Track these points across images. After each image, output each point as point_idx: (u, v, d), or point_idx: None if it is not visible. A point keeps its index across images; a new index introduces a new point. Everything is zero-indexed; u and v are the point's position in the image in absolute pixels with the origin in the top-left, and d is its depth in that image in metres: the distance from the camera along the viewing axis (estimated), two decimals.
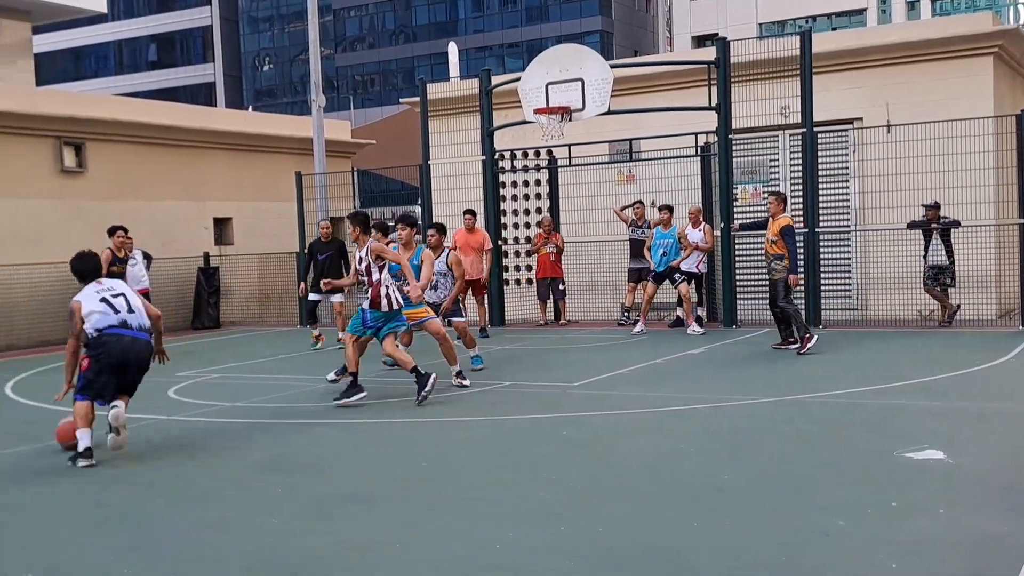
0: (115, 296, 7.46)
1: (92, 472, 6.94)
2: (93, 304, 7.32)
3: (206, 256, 19.43)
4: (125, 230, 14.81)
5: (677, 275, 14.45)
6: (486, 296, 15.58)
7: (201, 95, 70.11)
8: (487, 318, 15.62)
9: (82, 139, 17.94)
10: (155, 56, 73.88)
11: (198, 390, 10.72)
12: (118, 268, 14.29)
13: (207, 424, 8.74)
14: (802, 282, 12.88)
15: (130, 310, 7.42)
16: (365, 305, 9.36)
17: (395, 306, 9.32)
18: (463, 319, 11.28)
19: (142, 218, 18.49)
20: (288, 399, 9.93)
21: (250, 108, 59.36)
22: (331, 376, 10.42)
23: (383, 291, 9.25)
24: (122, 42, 73.82)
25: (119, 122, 18.57)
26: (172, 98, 60.54)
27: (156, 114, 19.87)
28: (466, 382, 10.01)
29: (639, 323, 14.56)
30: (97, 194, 18.17)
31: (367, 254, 9.33)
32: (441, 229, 11.36)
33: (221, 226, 20.57)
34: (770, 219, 12.15)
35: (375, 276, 9.27)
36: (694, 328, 14.10)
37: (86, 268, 7.58)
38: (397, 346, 9.69)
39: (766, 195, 13.59)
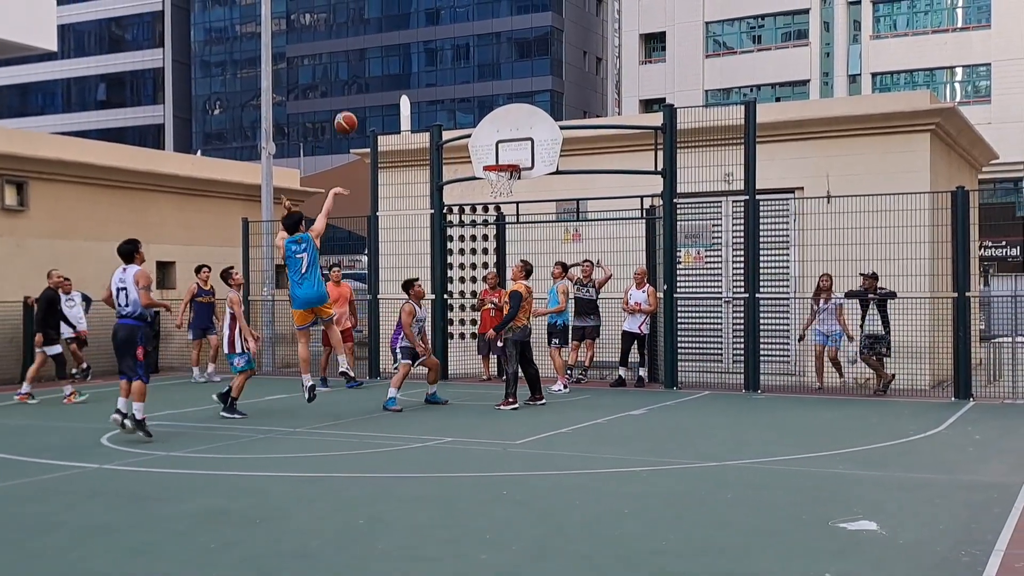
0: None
1: (23, 521, 6.80)
2: None
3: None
4: (209, 268, 17.03)
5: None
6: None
7: (149, 136, 69.58)
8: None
9: (25, 178, 17.72)
10: (104, 96, 73.28)
11: (133, 438, 10.52)
12: (204, 299, 16.96)
13: (142, 474, 8.59)
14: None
15: None
16: None
17: None
18: None
19: (85, 259, 18.22)
20: (226, 449, 9.80)
21: (199, 151, 58.97)
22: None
23: None
24: (71, 80, 73.19)
25: (64, 162, 18.39)
26: (120, 138, 60.07)
27: (102, 155, 19.70)
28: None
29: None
30: (39, 233, 17.92)
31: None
32: None
33: (164, 270, 20.34)
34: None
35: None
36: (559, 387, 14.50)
37: None
38: None
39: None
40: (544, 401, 13.06)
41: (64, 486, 8.10)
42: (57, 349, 14.26)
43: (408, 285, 12.89)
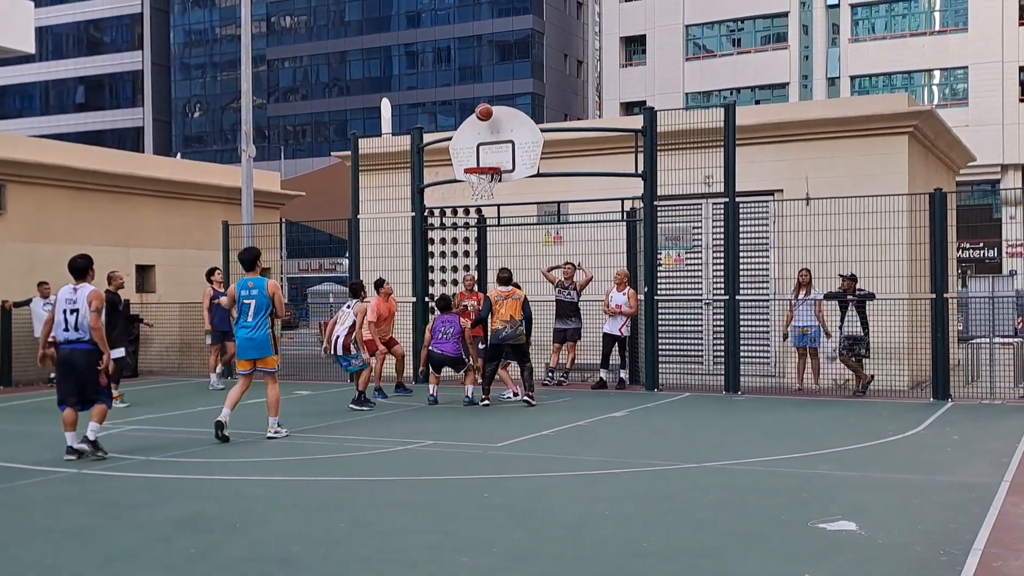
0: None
1: (2, 524, 6.75)
2: None
3: (127, 304, 19.04)
4: (220, 270, 17.08)
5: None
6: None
7: (129, 139, 69.23)
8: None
9: (2, 181, 17.60)
10: (83, 98, 72.88)
11: (112, 442, 10.44)
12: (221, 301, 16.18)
13: (120, 479, 8.55)
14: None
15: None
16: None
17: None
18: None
19: (64, 263, 18.06)
20: (207, 454, 9.76)
21: (179, 154, 58.74)
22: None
23: None
24: (49, 83, 72.75)
25: (42, 165, 18.27)
26: (99, 141, 59.66)
27: (81, 158, 19.59)
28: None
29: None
30: (17, 236, 17.80)
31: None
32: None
33: (144, 273, 20.25)
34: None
35: None
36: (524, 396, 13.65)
37: None
38: None
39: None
40: (509, 397, 13.61)
41: (41, 491, 8.03)
42: (119, 353, 13.14)
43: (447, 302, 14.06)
